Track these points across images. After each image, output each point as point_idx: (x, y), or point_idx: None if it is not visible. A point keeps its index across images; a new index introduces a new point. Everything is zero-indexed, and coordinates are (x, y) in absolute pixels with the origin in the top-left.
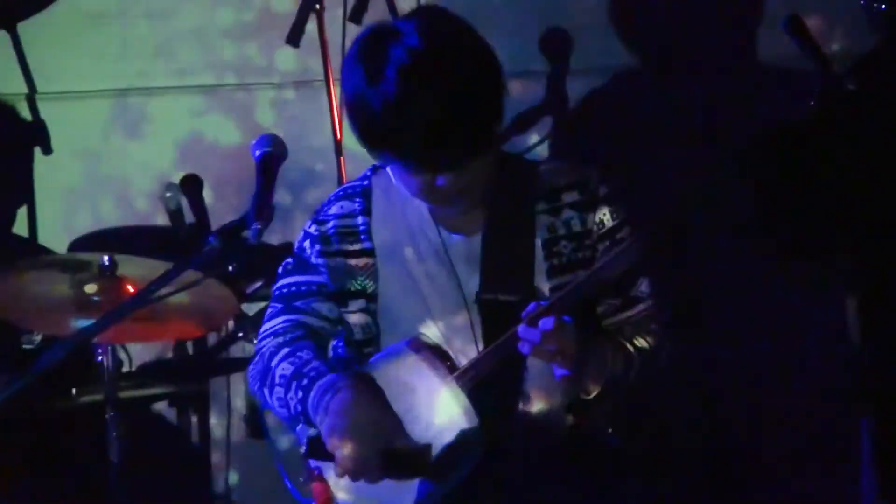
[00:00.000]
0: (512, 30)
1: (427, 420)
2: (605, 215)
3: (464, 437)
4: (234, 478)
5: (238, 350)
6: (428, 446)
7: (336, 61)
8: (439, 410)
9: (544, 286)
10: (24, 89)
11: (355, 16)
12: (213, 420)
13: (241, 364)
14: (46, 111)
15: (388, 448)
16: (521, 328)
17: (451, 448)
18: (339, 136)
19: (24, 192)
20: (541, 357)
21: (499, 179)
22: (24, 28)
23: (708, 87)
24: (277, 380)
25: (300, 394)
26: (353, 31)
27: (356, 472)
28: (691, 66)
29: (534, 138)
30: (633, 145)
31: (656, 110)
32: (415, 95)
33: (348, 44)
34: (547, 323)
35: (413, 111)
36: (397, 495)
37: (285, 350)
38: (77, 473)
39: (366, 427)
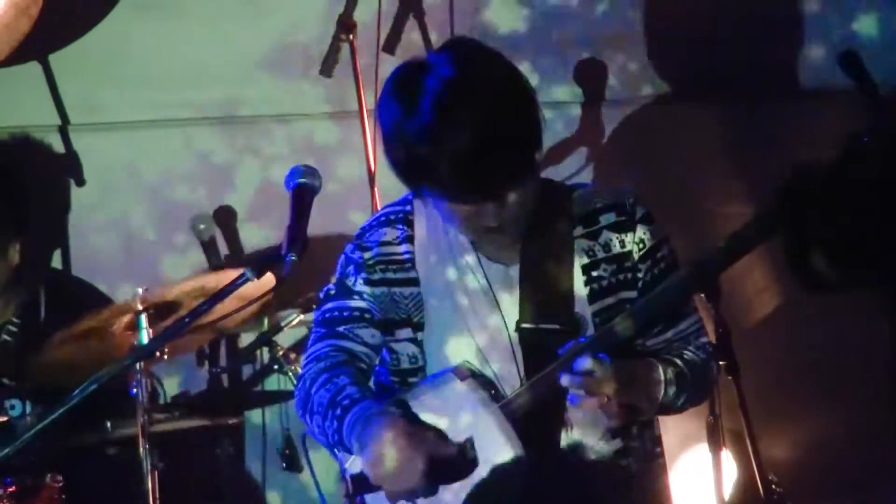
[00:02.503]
0: (548, 60)
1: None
2: (644, 234)
3: (508, 466)
4: None
5: (273, 382)
6: (468, 441)
7: (370, 92)
8: (484, 438)
9: (586, 311)
10: (57, 121)
11: (389, 46)
12: (249, 452)
13: (277, 396)
14: (78, 142)
15: (432, 460)
16: (562, 377)
17: (495, 476)
18: (373, 167)
19: (60, 223)
20: (587, 409)
21: (537, 207)
22: (55, 59)
23: (747, 117)
24: (315, 407)
25: (335, 423)
26: (387, 61)
27: (407, 495)
28: (730, 97)
29: (570, 168)
30: (670, 176)
31: (693, 140)
32: (451, 125)
33: (382, 74)
34: (581, 363)
35: (450, 141)
36: None
37: (324, 376)
38: (114, 500)
39: (403, 454)
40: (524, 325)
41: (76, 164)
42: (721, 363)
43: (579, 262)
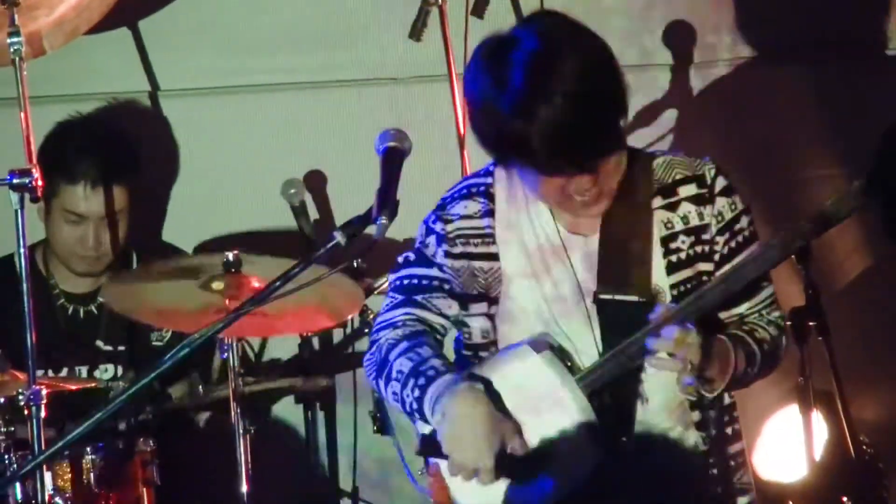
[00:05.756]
0: (638, 23)
1: (546, 420)
2: (723, 207)
3: (584, 439)
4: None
5: (364, 346)
6: (538, 452)
7: (459, 56)
8: (559, 411)
9: (664, 283)
10: (147, 87)
11: (478, 10)
12: (340, 415)
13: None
14: (168, 108)
15: (503, 452)
16: (648, 339)
17: (570, 449)
18: (462, 130)
19: (159, 189)
20: (664, 368)
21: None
22: (145, 25)
23: (839, 79)
24: (394, 375)
25: (416, 392)
26: (476, 25)
27: (470, 475)
28: (821, 58)
29: (659, 131)
30: (760, 139)
31: (785, 103)
32: (544, 97)
33: (470, 38)
34: (670, 331)
35: (544, 114)
36: (518, 498)
37: (404, 345)
38: (204, 468)
39: (481, 434)
40: (602, 296)
41: (167, 130)
42: (811, 324)
43: (658, 233)
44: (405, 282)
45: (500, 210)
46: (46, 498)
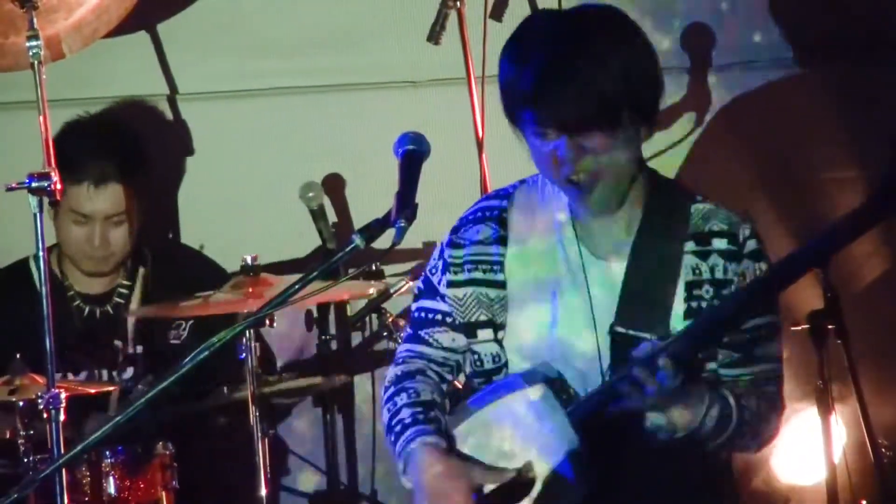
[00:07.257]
0: (656, 25)
1: (535, 452)
2: (747, 269)
3: (571, 472)
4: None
5: (382, 345)
6: (526, 464)
7: (477, 59)
8: (547, 444)
9: (680, 327)
10: (166, 90)
11: (496, 13)
12: (358, 417)
13: (386, 359)
14: (187, 111)
15: (481, 492)
16: (634, 370)
17: (560, 482)
18: (480, 133)
19: (172, 191)
20: (637, 403)
21: (650, 205)
22: (164, 29)
23: (856, 81)
24: (385, 419)
25: (393, 447)
26: (494, 28)
27: None
28: (839, 60)
29: (677, 134)
30: (779, 142)
31: (802, 105)
32: (553, 47)
33: (489, 41)
34: (659, 358)
35: (541, 56)
36: None
37: (391, 391)
38: (222, 471)
39: (448, 490)
40: (618, 329)
41: (185, 133)
42: (830, 327)
43: (685, 277)
44: (414, 315)
45: (513, 234)
46: (65, 502)
